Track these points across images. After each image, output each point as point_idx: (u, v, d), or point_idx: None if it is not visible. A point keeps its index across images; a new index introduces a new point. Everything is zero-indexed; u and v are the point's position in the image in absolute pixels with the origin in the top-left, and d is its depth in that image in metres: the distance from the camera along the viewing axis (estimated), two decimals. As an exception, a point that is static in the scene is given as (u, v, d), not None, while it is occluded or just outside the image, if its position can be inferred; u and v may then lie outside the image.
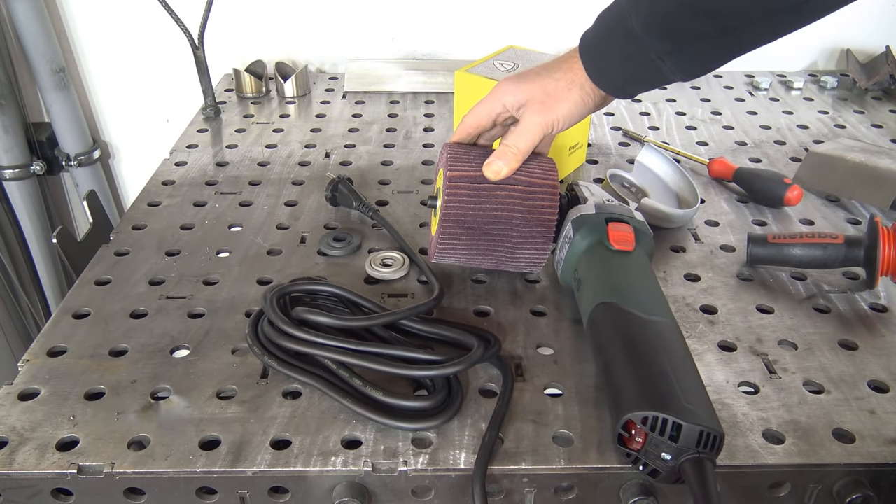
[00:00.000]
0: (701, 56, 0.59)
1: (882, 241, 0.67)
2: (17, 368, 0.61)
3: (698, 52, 0.58)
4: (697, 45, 0.57)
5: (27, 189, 1.29)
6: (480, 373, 0.61)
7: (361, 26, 1.26)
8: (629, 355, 0.53)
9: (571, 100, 0.63)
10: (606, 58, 0.61)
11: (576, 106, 0.64)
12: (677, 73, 0.59)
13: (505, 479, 0.52)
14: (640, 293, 0.59)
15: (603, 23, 0.62)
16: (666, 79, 0.60)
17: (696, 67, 0.60)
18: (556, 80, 0.63)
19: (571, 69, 0.63)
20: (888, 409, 0.57)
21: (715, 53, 0.59)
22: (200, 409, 0.57)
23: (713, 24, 0.55)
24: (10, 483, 0.52)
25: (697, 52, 0.58)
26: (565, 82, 0.63)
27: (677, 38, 0.57)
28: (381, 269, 0.72)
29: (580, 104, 0.64)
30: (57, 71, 1.24)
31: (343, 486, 0.52)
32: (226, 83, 1.23)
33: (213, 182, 0.91)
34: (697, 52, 0.58)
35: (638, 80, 0.62)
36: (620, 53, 0.60)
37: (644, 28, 0.57)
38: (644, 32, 0.58)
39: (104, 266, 0.75)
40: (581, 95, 0.63)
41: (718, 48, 0.58)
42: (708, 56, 0.59)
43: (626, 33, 0.58)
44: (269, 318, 0.61)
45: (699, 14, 0.55)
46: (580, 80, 0.63)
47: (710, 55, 0.59)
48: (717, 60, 0.59)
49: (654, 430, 0.48)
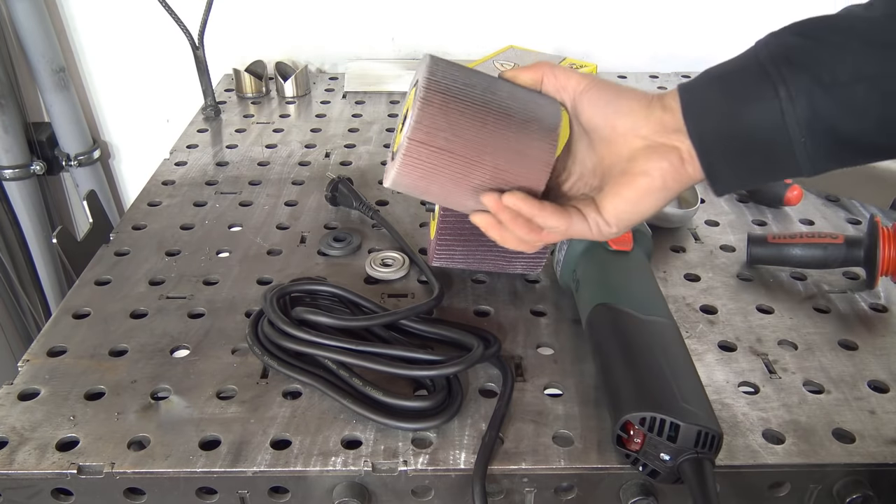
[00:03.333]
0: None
1: (882, 241, 0.67)
2: (17, 368, 0.61)
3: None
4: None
5: (27, 189, 1.29)
6: (480, 373, 0.61)
7: (361, 26, 1.26)
8: (627, 356, 0.53)
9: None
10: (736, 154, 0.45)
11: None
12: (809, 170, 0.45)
13: (505, 479, 0.52)
14: (638, 293, 0.59)
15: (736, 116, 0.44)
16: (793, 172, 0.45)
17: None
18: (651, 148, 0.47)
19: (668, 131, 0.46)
20: (888, 409, 0.57)
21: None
22: (200, 409, 0.57)
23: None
24: (10, 483, 0.52)
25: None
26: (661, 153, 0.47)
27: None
28: (381, 269, 0.72)
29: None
30: (57, 71, 1.24)
31: (343, 486, 0.52)
32: (226, 83, 1.23)
33: (213, 182, 0.91)
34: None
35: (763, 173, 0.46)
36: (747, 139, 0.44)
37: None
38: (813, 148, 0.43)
39: (104, 266, 0.75)
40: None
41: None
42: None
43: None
44: (269, 318, 0.61)
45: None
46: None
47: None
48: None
49: (653, 431, 0.48)
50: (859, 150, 0.43)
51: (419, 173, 0.48)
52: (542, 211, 0.48)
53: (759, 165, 0.45)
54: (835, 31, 0.42)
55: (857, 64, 0.41)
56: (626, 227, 0.49)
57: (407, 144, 0.47)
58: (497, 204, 0.48)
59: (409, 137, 0.47)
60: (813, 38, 0.42)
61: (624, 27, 1.24)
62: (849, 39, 0.41)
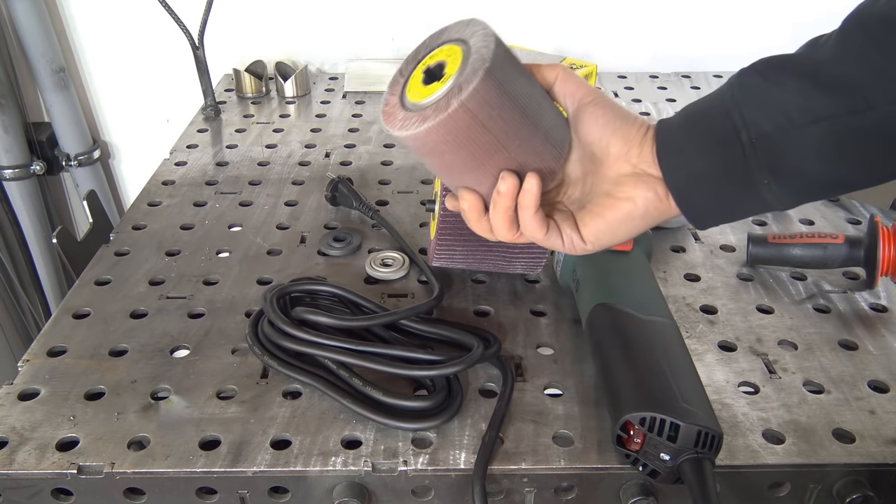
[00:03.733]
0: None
1: (882, 241, 0.67)
2: (17, 368, 0.61)
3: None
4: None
5: (27, 189, 1.29)
6: (480, 373, 0.61)
7: (361, 26, 1.26)
8: (627, 356, 0.53)
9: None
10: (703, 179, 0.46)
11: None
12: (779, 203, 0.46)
13: (505, 479, 0.52)
14: (638, 293, 0.59)
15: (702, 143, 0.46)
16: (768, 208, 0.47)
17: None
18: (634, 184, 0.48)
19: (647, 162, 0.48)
20: (888, 409, 0.57)
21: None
22: (200, 409, 0.57)
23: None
24: (10, 483, 0.52)
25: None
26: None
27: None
28: (381, 269, 0.72)
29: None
30: (57, 71, 1.24)
31: (343, 486, 0.52)
32: (226, 83, 1.23)
33: (213, 182, 0.91)
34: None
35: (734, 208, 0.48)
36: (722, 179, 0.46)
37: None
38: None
39: (104, 266, 0.75)
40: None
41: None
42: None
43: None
44: (269, 318, 0.61)
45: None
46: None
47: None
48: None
49: (653, 431, 0.48)
50: (823, 187, 0.45)
51: (448, 138, 0.47)
52: (535, 214, 0.49)
53: (732, 204, 0.47)
54: (791, 73, 0.43)
55: (810, 106, 0.42)
56: (600, 247, 0.50)
57: (455, 107, 0.45)
58: (513, 183, 0.48)
59: (463, 101, 0.45)
60: (772, 81, 0.44)
61: (624, 27, 1.24)
62: (802, 82, 0.43)
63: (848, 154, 0.43)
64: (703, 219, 0.48)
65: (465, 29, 0.51)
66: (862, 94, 0.41)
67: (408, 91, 0.50)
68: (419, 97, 0.48)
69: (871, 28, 0.41)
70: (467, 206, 0.50)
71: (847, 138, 0.42)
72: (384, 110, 0.50)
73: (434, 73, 0.49)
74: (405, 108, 0.48)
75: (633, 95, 1.16)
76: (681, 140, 0.47)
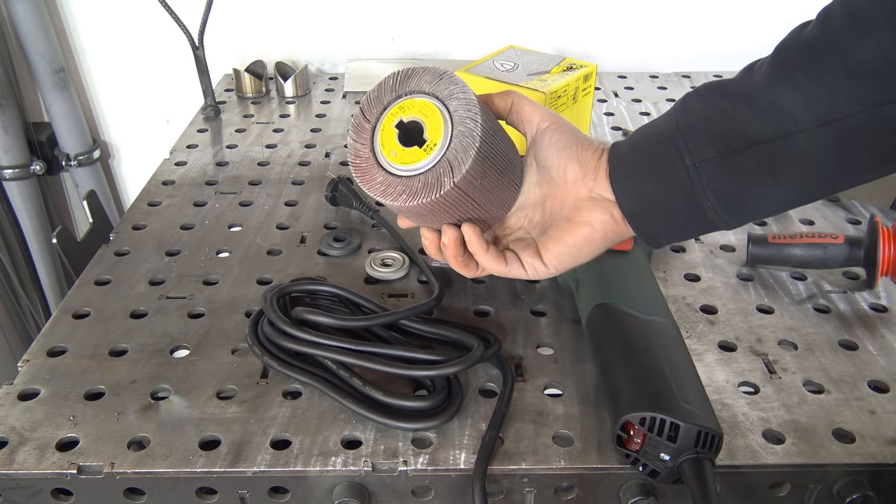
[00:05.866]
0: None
1: (882, 241, 0.67)
2: (17, 368, 0.61)
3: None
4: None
5: (27, 189, 1.29)
6: (480, 373, 0.61)
7: (361, 26, 1.26)
8: (627, 356, 0.53)
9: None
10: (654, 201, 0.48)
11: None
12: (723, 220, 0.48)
13: (505, 479, 0.52)
14: (638, 293, 0.59)
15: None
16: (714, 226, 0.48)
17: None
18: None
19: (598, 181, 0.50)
20: (888, 409, 0.57)
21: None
22: (200, 409, 0.57)
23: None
24: (10, 483, 0.52)
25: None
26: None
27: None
28: (381, 269, 0.72)
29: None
30: (57, 71, 1.24)
31: (343, 486, 0.52)
32: (226, 83, 1.23)
33: (213, 182, 0.91)
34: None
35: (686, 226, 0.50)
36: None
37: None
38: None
39: (104, 266, 0.75)
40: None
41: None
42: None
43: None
44: (269, 318, 0.61)
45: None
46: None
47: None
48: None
49: (653, 431, 0.48)
50: (761, 208, 0.47)
51: (434, 207, 0.49)
52: (486, 254, 0.52)
53: (682, 225, 0.49)
54: (728, 98, 0.45)
55: (745, 131, 0.44)
56: (562, 270, 0.52)
57: (449, 188, 0.47)
58: (454, 236, 0.52)
59: (456, 183, 0.47)
60: (713, 106, 0.46)
61: (624, 27, 1.24)
62: (739, 107, 0.45)
63: (782, 176, 0.45)
64: (657, 239, 0.50)
65: (438, 83, 0.50)
66: (791, 117, 0.43)
67: (381, 144, 0.50)
68: (399, 160, 0.49)
69: (798, 54, 0.43)
70: (428, 244, 0.54)
71: (780, 161, 0.44)
72: (354, 163, 0.50)
73: (412, 133, 0.49)
74: (383, 169, 0.49)
75: (633, 95, 1.16)
76: (630, 164, 0.49)
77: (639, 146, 0.49)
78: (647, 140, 0.49)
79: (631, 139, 0.50)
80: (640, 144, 0.49)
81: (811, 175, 0.45)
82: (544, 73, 0.84)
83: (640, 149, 0.49)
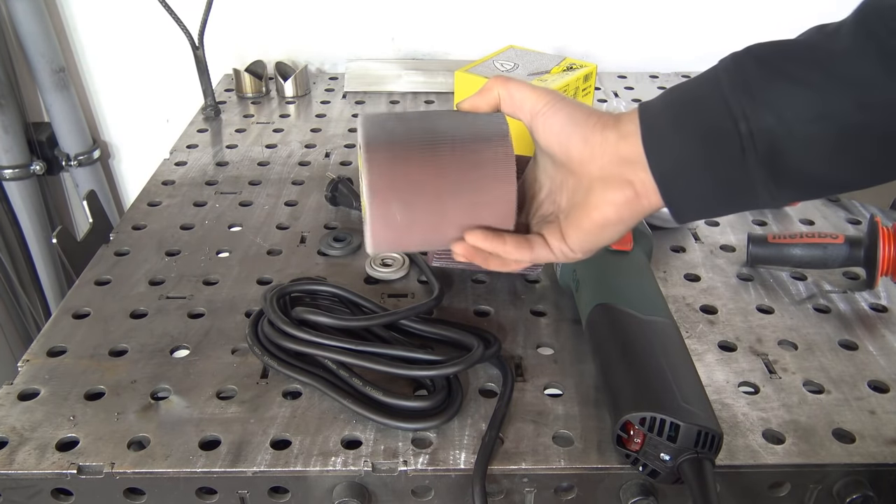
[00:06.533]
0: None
1: (882, 241, 0.67)
2: (17, 368, 0.61)
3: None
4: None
5: (27, 189, 1.29)
6: (480, 373, 0.61)
7: (361, 26, 1.26)
8: (627, 356, 0.53)
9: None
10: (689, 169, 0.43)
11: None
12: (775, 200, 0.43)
13: (505, 479, 0.52)
14: (638, 293, 0.59)
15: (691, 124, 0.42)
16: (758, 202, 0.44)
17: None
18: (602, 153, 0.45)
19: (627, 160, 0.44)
20: (888, 409, 0.57)
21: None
22: (200, 409, 0.57)
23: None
24: (10, 483, 0.52)
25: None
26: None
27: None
28: (381, 269, 0.72)
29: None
30: (57, 71, 1.24)
31: (343, 486, 0.52)
32: (226, 83, 1.23)
33: (213, 182, 0.91)
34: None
35: (726, 200, 0.44)
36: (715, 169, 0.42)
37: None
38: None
39: (104, 266, 0.75)
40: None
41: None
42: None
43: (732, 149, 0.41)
44: (269, 318, 0.61)
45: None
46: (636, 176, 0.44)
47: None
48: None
49: (653, 431, 0.48)
50: (822, 186, 0.43)
51: (393, 235, 0.48)
52: (505, 245, 0.48)
53: (721, 199, 0.44)
54: (797, 61, 0.40)
55: (819, 101, 0.39)
56: (589, 253, 0.49)
57: (369, 213, 0.47)
58: (465, 248, 0.49)
59: (369, 205, 0.46)
60: (774, 69, 0.40)
61: (624, 27, 1.24)
62: (810, 73, 0.39)
63: (853, 152, 0.40)
64: (685, 210, 0.45)
65: (359, 132, 0.49)
66: (878, 88, 0.38)
67: (362, 210, 0.52)
68: (363, 213, 0.50)
69: (892, 19, 0.38)
70: (466, 257, 0.51)
71: (854, 136, 0.39)
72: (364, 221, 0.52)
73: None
74: (364, 223, 0.50)
75: (633, 95, 1.16)
76: (667, 126, 0.43)
77: (677, 106, 0.43)
78: (688, 100, 0.43)
79: (664, 99, 0.44)
80: (678, 104, 0.43)
81: (884, 153, 0.40)
82: (544, 73, 0.84)
83: (679, 109, 0.43)
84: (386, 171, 0.46)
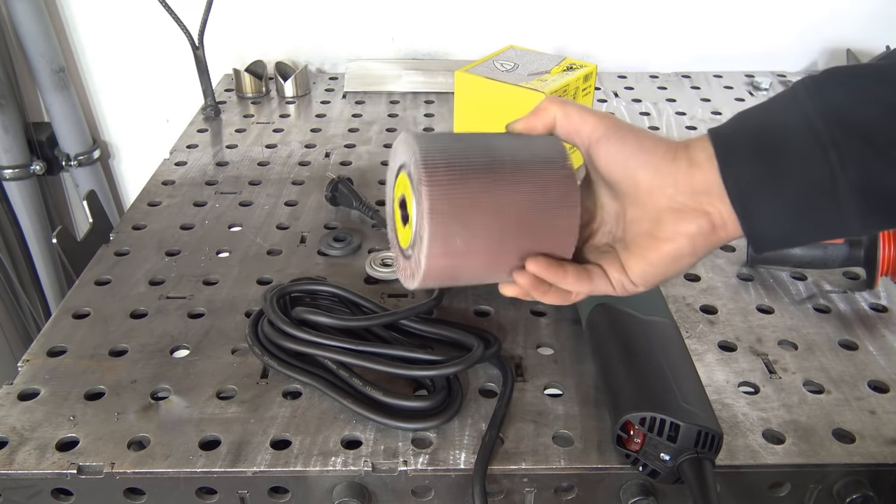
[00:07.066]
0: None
1: (882, 241, 0.67)
2: (17, 368, 0.61)
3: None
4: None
5: (27, 189, 1.29)
6: (480, 373, 0.61)
7: (361, 26, 1.26)
8: (627, 356, 0.53)
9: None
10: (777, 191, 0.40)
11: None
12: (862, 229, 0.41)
13: (505, 479, 0.52)
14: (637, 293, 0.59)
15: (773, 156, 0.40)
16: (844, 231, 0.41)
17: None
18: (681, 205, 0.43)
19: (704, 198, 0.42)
20: (888, 409, 0.57)
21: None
22: (200, 409, 0.57)
23: None
24: (10, 483, 0.52)
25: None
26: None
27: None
28: (381, 269, 0.72)
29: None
30: (57, 71, 1.24)
31: (343, 486, 0.52)
32: (226, 83, 1.23)
33: (213, 182, 0.91)
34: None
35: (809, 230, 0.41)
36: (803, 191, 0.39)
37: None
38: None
39: (104, 266, 0.75)
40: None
41: None
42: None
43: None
44: (269, 318, 0.61)
45: None
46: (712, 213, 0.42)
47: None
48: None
49: (653, 431, 0.48)
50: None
51: (449, 263, 0.43)
52: (566, 276, 0.46)
53: (807, 229, 0.41)
54: (884, 84, 0.38)
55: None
56: (653, 285, 0.46)
57: (427, 239, 0.42)
58: (528, 279, 0.46)
59: (428, 230, 0.41)
60: (860, 92, 0.39)
61: (624, 27, 1.24)
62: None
63: None
64: (766, 241, 0.42)
65: (407, 151, 0.45)
66: None
67: (397, 227, 0.48)
68: (403, 241, 0.46)
69: None
70: (519, 296, 0.48)
71: None
72: (393, 255, 0.47)
73: (404, 210, 0.45)
74: (402, 254, 0.47)
75: (633, 95, 1.16)
76: (745, 154, 0.41)
77: (761, 136, 0.41)
78: (771, 128, 0.41)
79: (742, 130, 0.42)
80: (762, 133, 0.41)
81: None
82: (544, 73, 0.84)
83: (762, 139, 0.41)
84: (447, 193, 0.41)
